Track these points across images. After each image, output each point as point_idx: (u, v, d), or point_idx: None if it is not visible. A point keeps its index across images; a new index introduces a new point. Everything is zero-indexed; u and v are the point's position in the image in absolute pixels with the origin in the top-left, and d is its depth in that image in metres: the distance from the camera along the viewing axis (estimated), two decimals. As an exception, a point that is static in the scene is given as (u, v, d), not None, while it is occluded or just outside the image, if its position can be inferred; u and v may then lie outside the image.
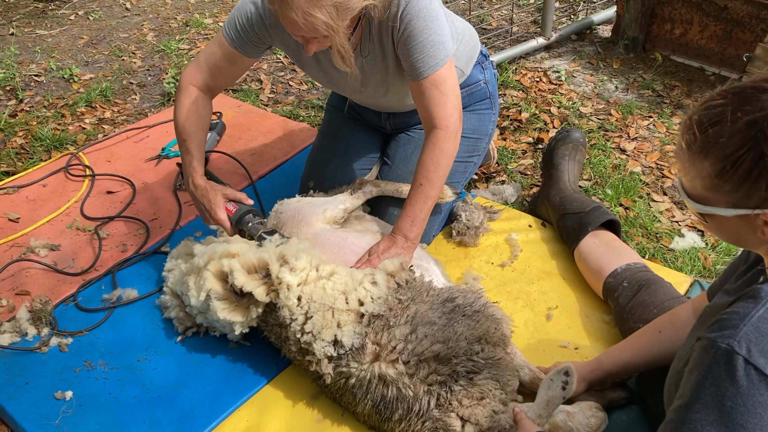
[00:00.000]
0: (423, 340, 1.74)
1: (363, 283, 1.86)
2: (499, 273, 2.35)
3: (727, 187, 1.13)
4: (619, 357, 1.78)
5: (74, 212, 2.75)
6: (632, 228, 2.54)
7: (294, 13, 1.75)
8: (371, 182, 2.33)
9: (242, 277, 1.90)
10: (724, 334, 1.13)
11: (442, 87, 2.03)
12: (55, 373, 2.09)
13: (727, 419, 1.10)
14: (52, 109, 3.66)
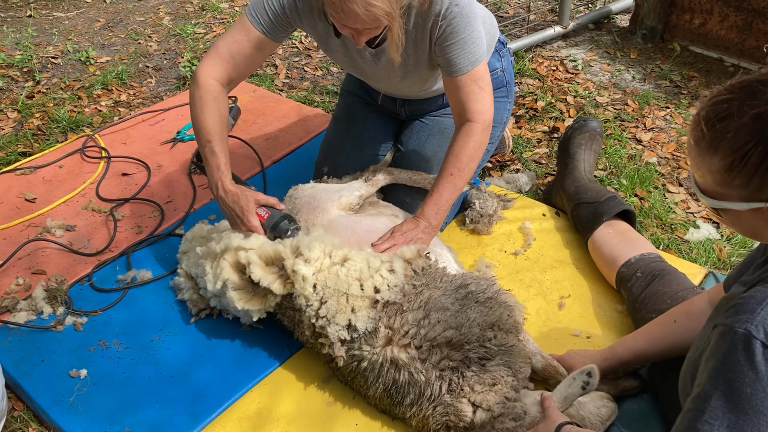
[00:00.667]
0: (436, 326, 1.75)
1: (380, 271, 1.86)
2: (512, 261, 2.35)
3: (738, 182, 1.13)
4: (633, 346, 1.78)
5: (90, 193, 2.77)
6: (647, 219, 2.53)
7: (355, 4, 1.71)
8: (385, 170, 2.33)
9: (259, 270, 1.91)
10: (740, 318, 1.12)
11: (481, 82, 2.05)
12: (70, 352, 2.11)
13: (746, 406, 1.10)
14: (68, 91, 3.67)
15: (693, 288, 1.95)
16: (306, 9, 2.05)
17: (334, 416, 1.90)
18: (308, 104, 3.38)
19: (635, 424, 1.79)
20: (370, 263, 1.89)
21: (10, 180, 2.87)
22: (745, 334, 1.10)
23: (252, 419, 1.91)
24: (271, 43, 2.13)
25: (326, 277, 1.87)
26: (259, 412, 1.92)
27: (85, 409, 1.94)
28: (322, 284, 1.86)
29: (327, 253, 1.92)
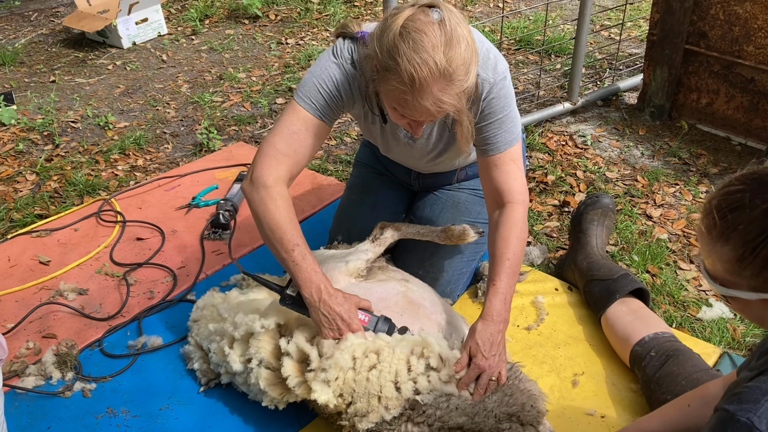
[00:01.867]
0: (452, 411, 1.73)
1: (430, 375, 1.79)
2: (524, 336, 2.33)
3: (748, 272, 1.14)
4: (646, 428, 1.75)
5: (104, 257, 2.79)
6: (659, 296, 2.52)
7: (429, 102, 1.70)
8: (391, 226, 2.34)
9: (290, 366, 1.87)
10: (744, 407, 1.12)
11: (518, 162, 2.06)
12: (77, 419, 2.09)
13: None
14: (86, 155, 3.75)
15: (707, 369, 1.93)
16: (358, 94, 2.02)
17: (344, 493, 1.86)
18: (322, 173, 3.43)
19: None
20: (411, 365, 1.81)
21: (26, 242, 2.89)
22: (747, 424, 1.10)
23: (259, 495, 1.87)
24: (326, 128, 2.03)
25: (353, 383, 1.80)
26: (266, 488, 1.88)
27: (89, 479, 1.91)
28: (349, 390, 1.80)
29: (349, 367, 1.82)
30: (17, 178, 3.53)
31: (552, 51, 4.72)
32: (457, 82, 1.71)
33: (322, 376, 1.79)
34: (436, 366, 1.82)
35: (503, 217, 2.03)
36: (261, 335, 1.96)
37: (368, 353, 1.82)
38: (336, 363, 1.79)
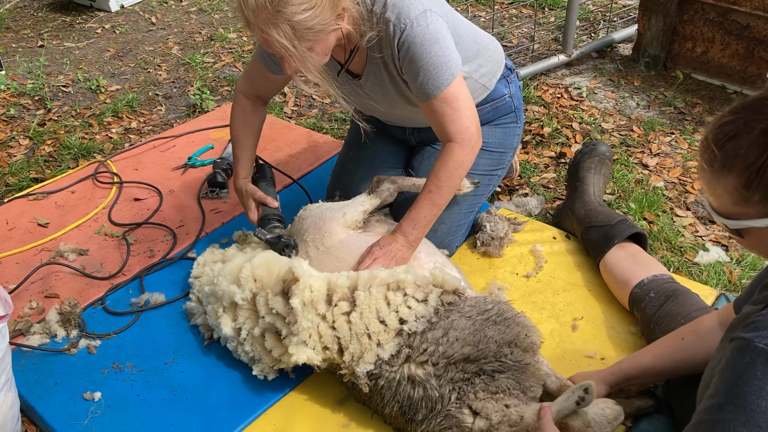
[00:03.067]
0: (454, 344, 1.76)
1: (408, 302, 1.86)
2: (524, 283, 2.36)
3: (757, 197, 1.13)
4: (640, 361, 1.78)
5: (102, 218, 2.79)
6: (656, 242, 2.54)
7: (252, 29, 1.81)
8: (388, 179, 2.34)
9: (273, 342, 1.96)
10: (761, 334, 1.13)
11: (454, 103, 2.04)
12: (84, 375, 2.11)
13: (760, 419, 1.09)
14: (79, 118, 3.72)
15: (706, 308, 1.95)
16: None
17: (350, 438, 1.90)
18: (317, 131, 3.42)
19: (652, 444, 1.79)
20: (389, 299, 1.87)
21: (23, 205, 2.89)
22: (765, 350, 1.11)
23: (267, 441, 1.90)
24: (272, 75, 2.30)
25: (334, 330, 1.86)
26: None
27: (99, 431, 1.93)
28: (333, 339, 1.86)
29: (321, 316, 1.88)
30: (10, 143, 3.50)
31: (546, 4, 4.68)
32: (283, 18, 1.75)
33: (295, 339, 1.85)
34: (414, 294, 1.86)
35: (442, 152, 2.10)
36: (243, 309, 2.00)
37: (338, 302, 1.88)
38: (300, 324, 1.85)
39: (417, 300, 1.86)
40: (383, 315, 1.84)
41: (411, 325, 1.82)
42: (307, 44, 1.84)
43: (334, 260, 2.13)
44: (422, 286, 1.90)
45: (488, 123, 2.47)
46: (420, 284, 1.90)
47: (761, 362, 1.11)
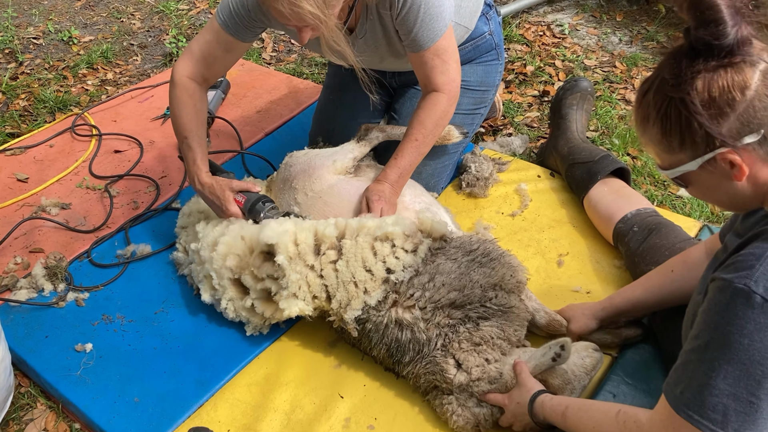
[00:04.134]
0: (440, 288, 1.77)
1: (396, 252, 1.85)
2: (509, 222, 2.37)
3: (676, 142, 1.19)
4: (631, 295, 1.81)
5: (83, 171, 2.75)
6: (640, 177, 2.56)
7: (280, 4, 1.73)
8: (377, 127, 2.33)
9: (263, 307, 1.96)
10: (740, 274, 1.15)
11: (444, 56, 2.06)
12: (74, 327, 2.12)
13: (743, 357, 1.13)
14: (53, 71, 3.63)
15: (689, 240, 1.98)
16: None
17: (342, 378, 1.92)
18: (298, 76, 3.37)
19: (637, 374, 1.83)
20: (376, 249, 1.86)
21: (0, 161, 2.84)
22: (744, 290, 1.13)
23: (260, 384, 1.93)
24: (240, 44, 2.15)
25: (321, 279, 1.86)
26: (267, 378, 1.94)
27: (93, 382, 1.95)
28: (321, 288, 1.87)
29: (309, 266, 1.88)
30: (-17, 99, 3.42)
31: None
32: None
33: (285, 293, 1.86)
34: (403, 245, 1.86)
35: (425, 102, 2.10)
36: (224, 281, 2.00)
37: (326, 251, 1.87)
38: (289, 278, 1.85)
39: (406, 251, 1.86)
40: (369, 264, 1.84)
41: (398, 275, 1.82)
42: (334, 9, 1.81)
43: (323, 205, 2.12)
44: (411, 236, 1.89)
45: (469, 62, 2.44)
46: (409, 234, 1.89)
47: (741, 302, 1.13)
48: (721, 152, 1.15)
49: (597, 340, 1.86)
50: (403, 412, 1.82)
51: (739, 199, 1.24)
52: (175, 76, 2.15)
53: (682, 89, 1.13)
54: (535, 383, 1.63)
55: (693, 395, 1.18)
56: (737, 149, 1.15)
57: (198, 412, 1.87)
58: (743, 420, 1.14)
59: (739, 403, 1.13)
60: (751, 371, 1.12)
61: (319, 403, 1.87)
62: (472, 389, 1.70)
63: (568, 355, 1.66)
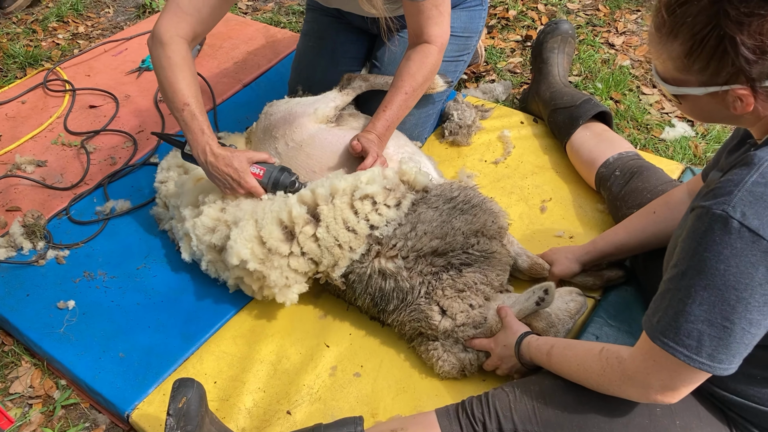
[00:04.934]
0: (422, 237, 1.76)
1: (379, 209, 1.81)
2: (492, 170, 2.36)
3: (697, 66, 1.14)
4: (614, 238, 1.81)
5: (58, 128, 2.69)
6: (623, 120, 2.54)
7: None
8: (359, 76, 2.29)
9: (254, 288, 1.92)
10: (718, 201, 1.13)
11: (441, 6, 2.01)
12: (55, 285, 2.10)
13: (719, 282, 1.13)
14: (21, 25, 3.52)
15: (671, 182, 1.98)
16: None
17: (327, 328, 1.93)
18: (275, 25, 3.29)
19: (619, 315, 1.85)
20: (357, 208, 1.81)
21: (-28, 119, 2.77)
22: (722, 215, 1.12)
23: (246, 336, 1.93)
24: None
25: (308, 254, 1.82)
26: (253, 330, 1.94)
27: (77, 338, 1.94)
28: (306, 265, 1.83)
29: (286, 256, 1.82)
30: (-50, 55, 3.32)
31: None
32: None
33: (276, 290, 1.83)
34: (384, 200, 1.82)
35: (417, 53, 2.05)
36: (203, 247, 1.97)
37: (302, 229, 1.81)
38: (270, 278, 1.81)
39: (388, 206, 1.82)
40: (352, 224, 1.80)
41: (382, 230, 1.80)
42: None
43: (305, 157, 2.09)
44: (393, 190, 1.84)
45: (453, 7, 2.37)
46: (391, 187, 1.84)
47: (719, 227, 1.12)
48: (738, 88, 1.12)
49: (579, 282, 1.88)
50: (389, 359, 1.84)
51: (729, 122, 1.23)
52: (162, 35, 1.91)
53: (741, 28, 1.07)
54: (521, 325, 1.64)
55: (669, 323, 1.19)
56: (755, 89, 1.12)
57: (184, 365, 1.87)
58: (717, 344, 1.15)
59: (714, 328, 1.14)
60: (726, 296, 1.12)
61: (306, 352, 1.88)
62: (457, 334, 1.71)
63: (551, 299, 1.66)
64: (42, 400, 1.90)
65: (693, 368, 1.19)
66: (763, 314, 1.13)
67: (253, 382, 1.81)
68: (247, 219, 1.86)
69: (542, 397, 1.47)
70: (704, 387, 1.29)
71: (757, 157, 1.16)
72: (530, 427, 1.45)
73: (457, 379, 1.76)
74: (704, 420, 1.38)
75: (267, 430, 1.69)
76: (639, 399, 1.32)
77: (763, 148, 1.17)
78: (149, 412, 1.75)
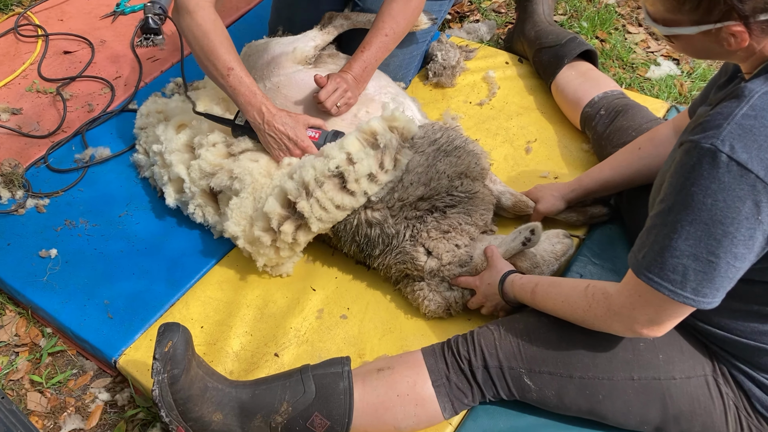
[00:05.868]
0: (409, 188, 1.74)
1: (378, 179, 1.73)
2: (477, 111, 2.33)
3: (688, 6, 1.12)
4: (599, 176, 1.81)
5: (32, 74, 2.62)
6: (608, 60, 2.51)
7: None
8: (341, 15, 2.23)
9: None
10: (707, 134, 1.12)
11: None
12: (37, 233, 2.07)
13: (706, 216, 1.12)
14: (-11, -32, 3.38)
15: (657, 120, 1.97)
16: None
17: (314, 272, 1.93)
18: (253, -33, 3.18)
19: (604, 253, 1.86)
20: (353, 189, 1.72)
21: (-59, 66, 2.69)
22: (710, 149, 1.10)
23: (232, 282, 1.92)
24: None
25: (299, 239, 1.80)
26: (239, 275, 1.94)
27: (60, 286, 1.93)
28: (306, 239, 1.81)
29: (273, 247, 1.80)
30: None
31: None
32: None
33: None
34: (375, 171, 1.73)
35: None
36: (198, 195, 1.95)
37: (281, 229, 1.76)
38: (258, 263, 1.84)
39: (386, 171, 1.74)
40: (345, 203, 1.73)
41: (378, 193, 1.75)
42: None
43: (282, 99, 2.05)
44: (387, 147, 1.73)
45: (436, -55, 2.32)
46: (384, 143, 1.73)
47: (707, 161, 1.11)
48: (731, 25, 1.10)
49: (564, 219, 1.88)
50: (375, 301, 1.84)
51: (723, 57, 1.21)
52: (187, 4, 1.82)
53: None
54: (506, 264, 1.65)
55: (654, 258, 1.19)
56: (749, 24, 1.10)
57: (170, 311, 1.87)
58: (701, 279, 1.16)
59: (699, 262, 1.15)
60: (712, 231, 1.12)
61: (292, 296, 1.88)
62: (443, 273, 1.71)
63: (537, 239, 1.67)
64: (28, 348, 1.90)
65: (677, 303, 1.20)
66: (748, 248, 1.13)
67: (240, 326, 1.81)
68: (248, 192, 1.83)
69: (527, 334, 1.49)
70: (687, 321, 1.31)
71: (747, 90, 1.14)
72: (515, 363, 1.47)
73: (443, 319, 1.77)
74: (687, 353, 1.41)
75: (255, 372, 1.70)
76: (624, 334, 1.34)
77: (753, 80, 1.15)
78: (136, 358, 1.76)
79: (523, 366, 1.47)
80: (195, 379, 1.46)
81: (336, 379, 1.49)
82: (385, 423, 1.49)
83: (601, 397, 1.42)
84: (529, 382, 1.46)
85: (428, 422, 1.52)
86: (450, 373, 1.50)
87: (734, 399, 1.38)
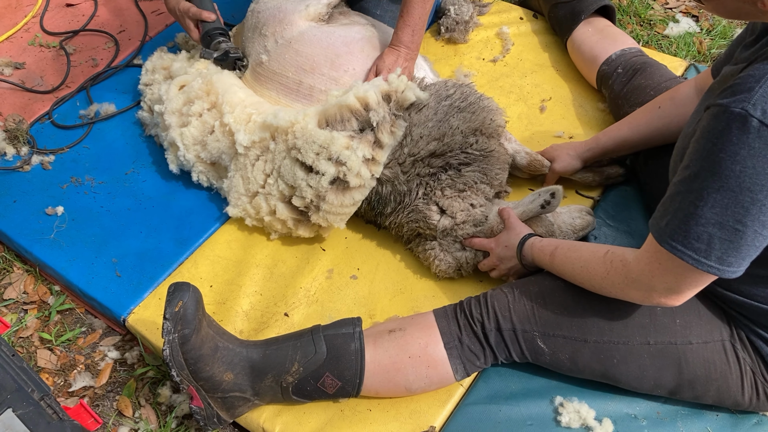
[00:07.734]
0: (419, 141, 1.70)
1: (377, 159, 1.69)
2: (490, 68, 2.27)
3: None
4: (617, 134, 1.76)
5: (34, 28, 2.56)
6: (626, 16, 2.44)
7: None
8: None
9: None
10: (737, 98, 1.06)
11: None
12: (42, 190, 2.05)
13: (734, 184, 1.07)
14: None
15: (676, 78, 1.91)
16: None
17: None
18: None
19: (618, 215, 1.83)
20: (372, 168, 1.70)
21: (-58, 20, 2.63)
22: (741, 114, 1.05)
23: (241, 241, 1.90)
24: None
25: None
26: (247, 235, 1.91)
27: (67, 244, 1.91)
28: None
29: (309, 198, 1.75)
30: None
31: None
32: None
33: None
34: (371, 155, 1.69)
35: None
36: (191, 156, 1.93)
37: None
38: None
39: (381, 147, 1.70)
40: (355, 198, 1.73)
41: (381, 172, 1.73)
42: None
43: (294, 54, 1.99)
44: (381, 123, 1.68)
45: None
46: (377, 120, 1.68)
47: (737, 127, 1.06)
48: None
49: (579, 179, 1.85)
50: (385, 261, 1.82)
51: (752, 16, 1.14)
52: None
53: None
54: (525, 227, 1.62)
55: (678, 225, 1.15)
56: None
57: (179, 270, 1.85)
58: (727, 247, 1.12)
59: (725, 231, 1.11)
60: (740, 198, 1.08)
61: (301, 256, 1.86)
62: (456, 233, 1.68)
63: (557, 204, 1.63)
64: (37, 305, 1.89)
65: (700, 271, 1.16)
66: None
67: (249, 286, 1.80)
68: (233, 170, 1.85)
69: (541, 297, 1.47)
70: (706, 287, 1.28)
71: None
72: (528, 326, 1.45)
73: (454, 280, 1.75)
74: (704, 318, 1.38)
75: (265, 331, 1.70)
76: (642, 302, 1.31)
77: None
78: (145, 317, 1.75)
79: (537, 329, 1.45)
80: (206, 338, 1.45)
81: (347, 339, 1.48)
82: (396, 384, 1.49)
83: (615, 361, 1.41)
84: (542, 345, 1.45)
85: (440, 383, 1.51)
86: (462, 335, 1.48)
87: (751, 364, 1.36)
